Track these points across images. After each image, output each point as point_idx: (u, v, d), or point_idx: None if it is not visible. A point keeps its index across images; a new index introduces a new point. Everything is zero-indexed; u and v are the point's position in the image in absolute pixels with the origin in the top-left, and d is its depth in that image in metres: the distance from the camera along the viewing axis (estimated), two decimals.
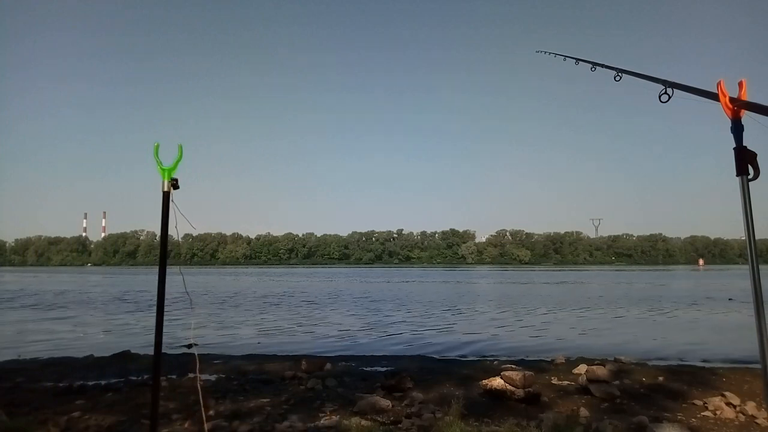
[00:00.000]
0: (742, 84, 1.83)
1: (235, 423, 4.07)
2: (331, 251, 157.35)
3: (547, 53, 4.70)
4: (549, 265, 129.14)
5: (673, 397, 4.94)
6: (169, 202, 2.71)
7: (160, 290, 2.70)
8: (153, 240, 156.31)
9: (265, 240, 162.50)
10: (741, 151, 1.79)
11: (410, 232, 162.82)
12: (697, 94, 2.02)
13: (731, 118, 1.83)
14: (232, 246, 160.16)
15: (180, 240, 2.77)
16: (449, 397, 4.73)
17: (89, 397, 5.00)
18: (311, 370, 6.22)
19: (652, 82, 2.31)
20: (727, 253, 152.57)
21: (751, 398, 4.69)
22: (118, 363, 7.18)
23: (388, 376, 5.77)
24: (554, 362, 7.04)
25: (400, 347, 9.18)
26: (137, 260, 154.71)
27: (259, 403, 4.76)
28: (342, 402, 4.81)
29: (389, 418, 4.24)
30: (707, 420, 4.22)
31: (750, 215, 1.75)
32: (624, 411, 4.47)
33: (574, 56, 3.69)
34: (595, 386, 5.00)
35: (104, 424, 4.08)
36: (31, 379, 6.00)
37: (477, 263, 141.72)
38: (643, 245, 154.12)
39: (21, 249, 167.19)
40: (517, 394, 4.70)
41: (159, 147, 2.71)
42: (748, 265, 1.75)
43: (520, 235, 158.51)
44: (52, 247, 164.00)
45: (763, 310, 1.68)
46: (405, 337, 10.55)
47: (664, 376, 5.94)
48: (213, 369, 6.61)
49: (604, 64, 3.11)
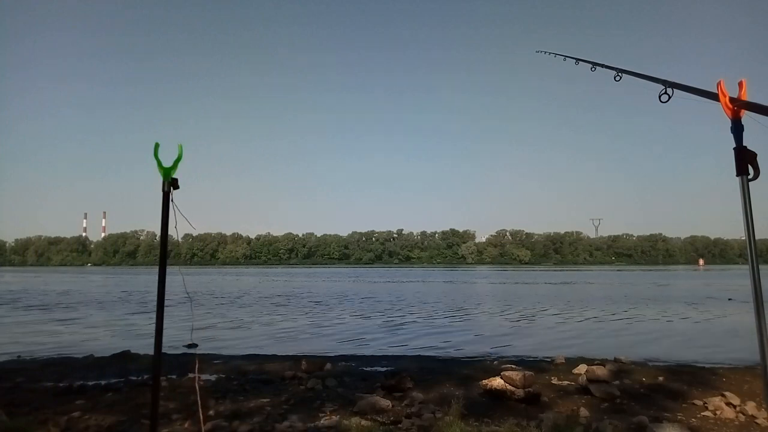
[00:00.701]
0: (742, 84, 1.83)
1: (235, 423, 4.08)
2: (331, 251, 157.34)
3: (547, 53, 4.71)
4: (549, 265, 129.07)
5: (673, 397, 4.95)
6: (169, 202, 2.71)
7: (160, 290, 2.70)
8: (153, 240, 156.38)
9: (265, 240, 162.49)
10: (741, 151, 1.79)
11: (410, 232, 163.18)
12: (697, 94, 2.02)
13: (731, 118, 1.83)
14: (232, 246, 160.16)
15: (180, 240, 2.77)
16: (449, 397, 4.73)
17: (89, 397, 5.00)
18: (311, 370, 6.22)
19: (652, 82, 2.31)
20: (727, 253, 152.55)
21: (751, 398, 4.69)
22: (118, 363, 7.19)
23: (388, 376, 5.77)
24: (554, 362, 7.04)
25: (401, 348, 9.17)
26: (137, 260, 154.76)
27: (259, 403, 4.76)
28: (342, 402, 4.81)
29: (389, 418, 4.24)
30: (707, 420, 4.22)
31: (750, 215, 1.75)
32: (624, 411, 4.47)
33: (574, 56, 3.70)
34: (595, 386, 5.00)
35: (104, 424, 4.08)
36: (31, 379, 6.00)
37: (477, 263, 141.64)
38: (643, 245, 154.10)
39: (21, 249, 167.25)
40: (517, 394, 4.70)
41: (159, 147, 2.71)
42: (748, 265, 1.75)
43: (520, 235, 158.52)
44: (52, 247, 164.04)
45: (763, 310, 1.68)
46: (420, 336, 10.50)
47: (664, 376, 5.95)
48: (213, 369, 6.61)
49: (604, 64, 3.11)
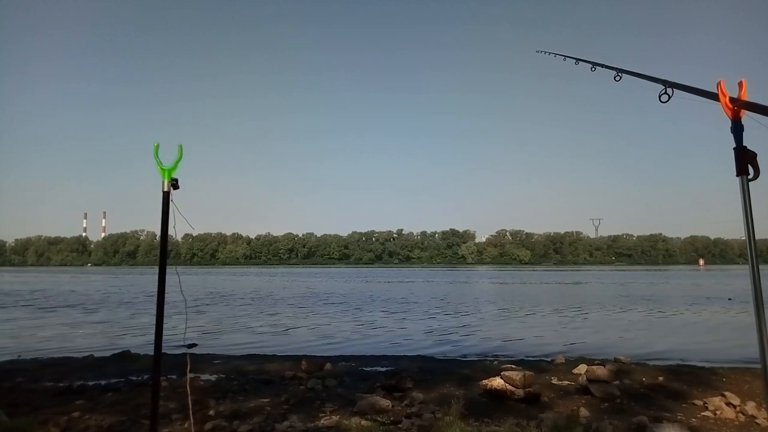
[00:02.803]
0: (742, 84, 1.83)
1: (235, 423, 4.07)
2: (331, 251, 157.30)
3: (547, 53, 4.69)
4: (549, 265, 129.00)
5: (673, 397, 4.94)
6: (169, 202, 2.72)
7: (160, 290, 2.70)
8: (153, 240, 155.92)
9: (265, 240, 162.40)
10: (741, 151, 1.79)
11: (410, 232, 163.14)
12: (697, 94, 2.02)
13: (731, 118, 1.83)
14: (232, 246, 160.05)
15: (180, 240, 2.79)
16: (449, 397, 4.73)
17: (89, 397, 5.00)
18: (311, 370, 6.22)
19: (652, 82, 2.31)
20: (727, 253, 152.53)
21: (751, 398, 4.68)
22: (118, 363, 7.18)
23: (388, 376, 5.77)
24: (554, 362, 7.04)
25: (401, 348, 9.17)
26: (137, 260, 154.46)
27: (259, 403, 4.76)
28: (342, 402, 4.80)
29: (389, 418, 4.24)
30: (707, 420, 4.22)
31: (750, 215, 1.75)
32: (624, 411, 4.46)
33: (574, 56, 3.69)
34: (595, 386, 5.00)
35: (104, 424, 4.08)
36: (31, 379, 6.00)
37: (477, 263, 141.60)
38: (643, 245, 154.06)
39: (21, 249, 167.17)
40: (517, 394, 4.70)
41: (159, 147, 2.71)
42: (748, 265, 1.75)
43: (520, 235, 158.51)
44: (52, 247, 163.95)
45: (763, 310, 1.68)
46: (420, 336, 10.44)
47: (664, 376, 5.94)
48: (213, 369, 6.61)
49: (604, 64, 3.11)
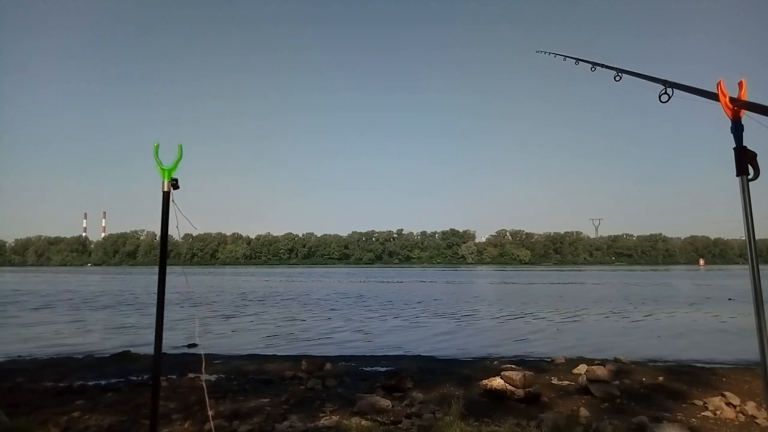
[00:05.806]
0: (742, 84, 1.83)
1: (235, 423, 4.08)
2: (331, 251, 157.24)
3: (547, 53, 4.69)
4: (549, 265, 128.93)
5: (673, 397, 4.95)
6: (169, 202, 2.72)
7: (160, 290, 2.70)
8: (153, 240, 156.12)
9: (265, 240, 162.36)
10: (741, 151, 1.79)
11: (410, 232, 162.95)
12: (697, 94, 2.01)
13: (731, 118, 1.82)
14: (232, 246, 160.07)
15: (180, 240, 2.77)
16: (449, 397, 4.73)
17: (89, 397, 5.00)
18: (311, 370, 6.23)
19: (652, 82, 2.30)
20: (727, 253, 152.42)
21: (751, 398, 4.68)
22: (118, 363, 7.19)
23: (388, 376, 5.77)
24: (554, 362, 7.04)
25: (401, 348, 9.17)
26: (137, 260, 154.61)
27: (259, 403, 4.76)
28: (342, 402, 4.80)
29: (389, 418, 4.24)
30: (707, 420, 4.22)
31: (750, 215, 1.75)
32: (624, 411, 4.47)
33: (574, 56, 3.68)
34: (595, 386, 5.00)
35: (104, 424, 4.08)
36: (31, 379, 6.01)
37: (477, 263, 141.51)
38: (643, 245, 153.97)
39: (21, 249, 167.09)
40: (517, 394, 4.70)
41: (159, 147, 2.71)
42: (748, 265, 1.75)
43: (520, 235, 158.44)
44: (52, 247, 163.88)
45: (763, 310, 1.67)
46: (421, 336, 10.41)
47: (664, 376, 5.94)
48: (213, 369, 6.61)
49: (604, 64, 3.10)
